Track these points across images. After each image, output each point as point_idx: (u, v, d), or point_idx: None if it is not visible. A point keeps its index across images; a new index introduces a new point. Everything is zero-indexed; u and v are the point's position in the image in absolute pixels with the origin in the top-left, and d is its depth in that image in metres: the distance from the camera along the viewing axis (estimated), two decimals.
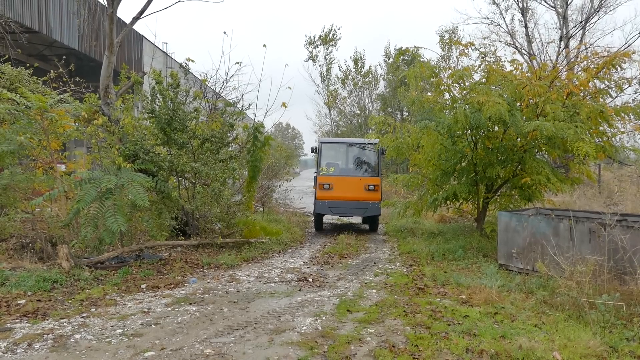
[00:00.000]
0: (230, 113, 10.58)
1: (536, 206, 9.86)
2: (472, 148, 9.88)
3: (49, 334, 5.14)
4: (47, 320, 5.60)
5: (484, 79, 10.10)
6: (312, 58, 29.22)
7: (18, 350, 4.70)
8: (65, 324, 5.47)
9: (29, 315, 5.72)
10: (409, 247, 10.09)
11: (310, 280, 7.63)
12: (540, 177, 9.10)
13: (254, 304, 6.34)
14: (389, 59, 29.58)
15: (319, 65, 29.35)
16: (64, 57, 13.54)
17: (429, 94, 11.71)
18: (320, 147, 13.37)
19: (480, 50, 11.20)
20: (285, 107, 11.38)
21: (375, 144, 12.36)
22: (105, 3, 9.93)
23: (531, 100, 9.17)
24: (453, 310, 5.92)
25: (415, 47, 11.54)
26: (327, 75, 29.32)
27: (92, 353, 4.65)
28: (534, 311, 5.78)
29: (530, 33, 22.15)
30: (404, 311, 5.92)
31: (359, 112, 30.16)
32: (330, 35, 28.90)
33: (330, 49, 29.18)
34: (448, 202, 10.52)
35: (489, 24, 23.28)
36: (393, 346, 4.78)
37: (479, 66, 10.66)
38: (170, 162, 9.15)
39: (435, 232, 11.36)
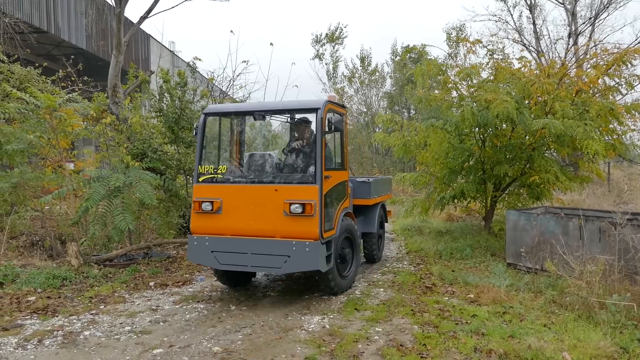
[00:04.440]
0: None
1: (545, 205, 9.80)
2: (480, 146, 9.83)
3: (58, 330, 5.18)
4: (57, 317, 5.64)
5: (491, 77, 10.03)
6: (319, 56, 29.17)
7: (29, 347, 4.75)
8: (74, 320, 5.51)
9: (39, 311, 5.78)
10: (416, 245, 10.07)
11: (317, 278, 7.62)
12: (549, 175, 9.03)
13: (262, 302, 6.35)
14: (396, 56, 29.47)
15: (326, 64, 29.30)
16: (72, 56, 13.62)
17: (436, 91, 11.64)
18: (204, 124, 6.45)
19: (487, 47, 11.13)
20: None
21: (315, 108, 6.09)
22: (113, 3, 9.98)
23: (540, 98, 9.10)
24: (461, 309, 5.90)
25: (422, 44, 11.56)
26: (333, 74, 29.25)
27: (101, 350, 4.69)
28: (543, 311, 5.75)
29: (538, 30, 21.99)
30: (412, 310, 5.91)
31: (365, 110, 30.09)
32: (337, 33, 28.84)
33: (336, 47, 29.11)
34: (456, 200, 10.47)
35: (496, 21, 23.18)
36: (401, 345, 4.77)
37: (487, 64, 10.59)
38: (178, 161, 9.19)
39: (443, 230, 11.32)
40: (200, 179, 6.30)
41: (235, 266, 6.03)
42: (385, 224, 9.65)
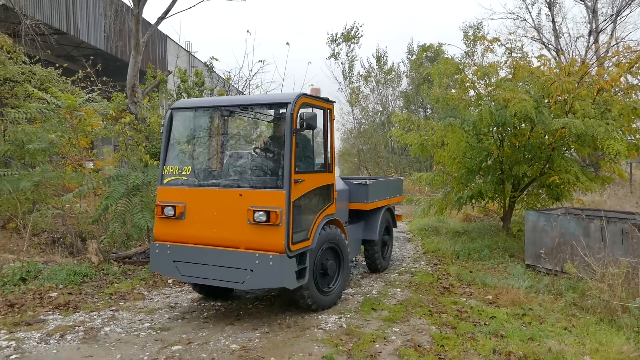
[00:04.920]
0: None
1: (565, 206, 9.66)
2: (498, 146, 9.73)
3: (80, 326, 5.26)
4: (78, 312, 5.73)
5: (509, 76, 9.92)
6: (334, 55, 29.11)
7: (51, 341, 4.84)
8: (95, 316, 5.59)
9: (61, 307, 5.87)
10: (433, 245, 10.01)
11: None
12: (569, 175, 8.90)
13: (278, 300, 6.37)
14: (412, 55, 29.32)
15: (341, 63, 29.22)
16: (92, 57, 13.81)
17: (453, 90, 11.55)
18: (170, 120, 5.90)
19: (506, 46, 11.04)
20: None
21: (285, 102, 5.37)
22: (131, 4, 10.10)
23: (559, 97, 8.97)
24: (479, 310, 5.85)
25: (439, 43, 11.41)
26: (349, 73, 29.17)
27: (121, 345, 4.75)
28: (563, 313, 5.67)
29: (557, 28, 21.68)
30: (429, 310, 5.88)
31: (381, 109, 29.97)
32: (353, 32, 28.77)
33: (352, 46, 29.01)
34: (473, 200, 10.38)
35: (514, 19, 22.90)
36: (418, 345, 4.75)
37: (505, 62, 10.50)
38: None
39: (460, 231, 11.23)
40: (165, 181, 5.73)
41: (196, 278, 5.43)
42: (394, 229, 8.89)
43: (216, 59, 11.13)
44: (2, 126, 10.38)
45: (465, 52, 17.49)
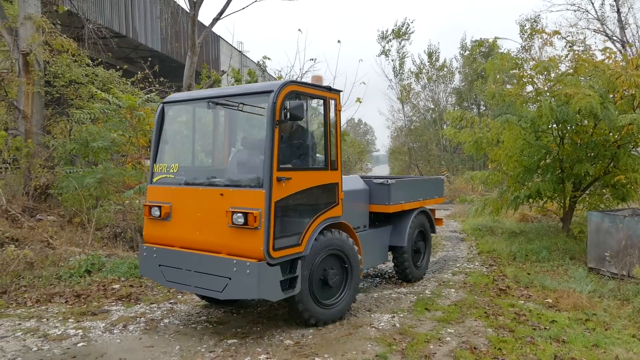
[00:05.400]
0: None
1: (631, 207, 9.14)
2: (558, 143, 9.33)
3: (141, 317, 5.49)
4: (139, 304, 5.98)
5: (571, 70, 9.49)
6: (385, 53, 28.83)
7: (115, 331, 5.07)
8: (155, 308, 5.81)
9: (123, 299, 6.15)
10: (488, 246, 9.73)
11: (387, 276, 7.57)
12: (636, 175, 8.42)
13: None
14: (465, 51, 28.60)
15: (392, 60, 28.89)
16: (149, 59, 14.33)
17: (508, 86, 11.16)
18: (162, 115, 5.56)
19: (566, 39, 10.55)
20: (360, 102, 11.34)
21: (267, 91, 4.79)
22: (187, 7, 10.40)
23: (626, 92, 8.49)
24: (538, 314, 5.63)
25: (495, 37, 10.99)
26: (400, 70, 28.81)
27: (180, 337, 4.91)
28: (631, 320, 5.37)
29: (623, 19, 20.52)
30: (485, 312, 5.72)
31: (433, 106, 29.45)
32: (403, 29, 28.40)
33: (403, 42, 28.65)
34: (531, 200, 10.01)
35: (575, 11, 21.90)
36: (474, 348, 4.64)
37: (566, 56, 10.03)
38: None
39: (517, 231, 10.85)
40: (155, 179, 5.38)
41: (179, 285, 5.07)
42: (433, 234, 7.98)
43: (268, 58, 11.30)
44: (67, 126, 10.98)
45: (521, 46, 16.89)
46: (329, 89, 5.36)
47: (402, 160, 31.11)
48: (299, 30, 27.55)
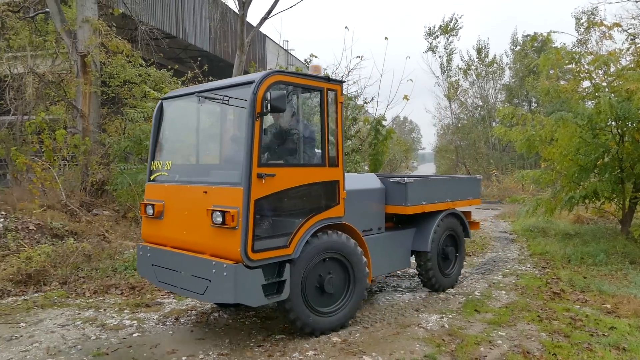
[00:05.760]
0: (352, 107, 10.69)
1: None
2: (618, 141, 8.88)
3: (192, 310, 5.64)
4: (190, 298, 6.13)
5: (632, 64, 9.01)
6: (432, 49, 28.34)
7: (168, 323, 5.24)
8: (205, 302, 5.95)
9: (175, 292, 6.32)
10: (540, 248, 9.39)
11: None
12: None
13: (377, 296, 6.35)
14: (516, 46, 27.73)
15: (439, 57, 28.37)
16: (199, 58, 14.67)
17: (562, 82, 10.72)
18: (159, 111, 5.46)
19: (628, 31, 10.02)
20: (407, 99, 11.20)
21: (249, 82, 4.54)
22: (236, 7, 10.57)
23: None
24: (596, 320, 5.38)
25: (550, 31, 10.45)
26: (447, 67, 28.25)
27: (229, 331, 5.01)
28: None
29: None
30: (538, 316, 5.52)
31: (481, 104, 28.71)
32: (451, 24, 27.83)
33: (450, 38, 28.09)
34: (587, 201, 9.59)
35: (637, 1, 20.70)
36: (527, 352, 4.49)
37: (627, 50, 9.54)
38: None
39: (571, 233, 10.42)
40: (152, 177, 5.26)
41: (169, 286, 4.90)
42: (467, 239, 7.25)
43: (315, 56, 11.33)
44: (122, 124, 11.42)
45: (577, 39, 16.19)
46: (327, 79, 4.98)
47: (448, 159, 30.53)
48: (346, 27, 27.48)
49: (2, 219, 7.97)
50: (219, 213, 4.22)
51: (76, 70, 11.04)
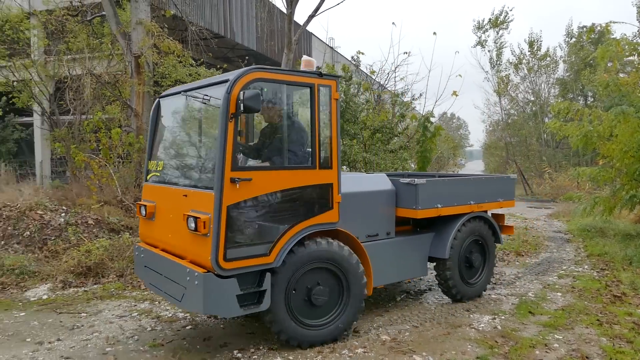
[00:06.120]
0: (400, 104, 10.57)
1: None
2: None
3: None
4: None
5: None
6: (481, 43, 27.54)
7: (219, 317, 5.33)
8: None
9: None
10: (598, 248, 8.97)
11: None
12: None
13: (426, 296, 6.26)
14: (571, 38, 26.56)
15: (488, 51, 27.52)
16: (246, 57, 14.90)
17: (622, 75, 10.18)
18: (156, 110, 5.37)
19: None
20: (457, 95, 10.96)
21: (223, 80, 4.25)
22: (283, 5, 10.65)
23: None
24: None
25: (609, 22, 9.84)
26: (497, 61, 27.36)
27: None
28: None
29: None
30: (598, 320, 5.28)
31: (533, 99, 27.70)
32: (501, 17, 26.97)
33: (500, 32, 27.22)
34: None
35: None
36: (586, 357, 4.31)
37: None
38: (343, 152, 9.48)
39: (633, 233, 9.88)
40: (148, 177, 5.16)
41: (157, 289, 4.76)
42: (498, 244, 6.50)
43: (362, 53, 11.29)
44: None
45: (639, 30, 15.33)
46: (319, 74, 4.57)
47: (498, 156, 29.69)
48: (393, 23, 27.26)
49: (64, 214, 8.38)
50: (192, 219, 4.05)
51: (130, 71, 11.43)
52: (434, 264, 5.89)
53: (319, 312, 4.57)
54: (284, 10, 11.00)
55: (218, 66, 13.90)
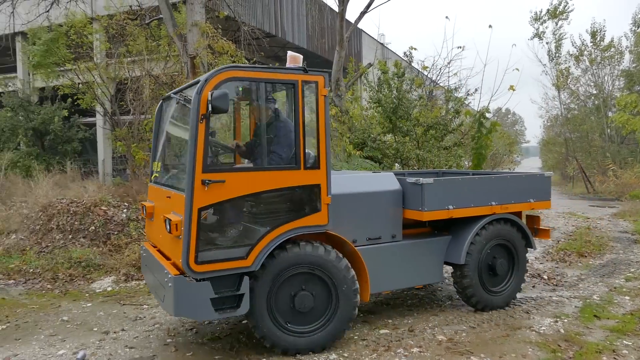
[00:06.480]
0: (454, 99, 10.34)
1: None
2: None
3: None
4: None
5: None
6: (538, 35, 26.48)
7: None
8: None
9: None
10: None
11: (545, 277, 6.98)
12: None
13: None
14: (638, 27, 25.06)
15: (546, 43, 26.48)
16: None
17: None
18: (160, 110, 5.33)
19: None
20: (514, 90, 10.58)
21: (196, 82, 4.28)
22: (335, 3, 10.65)
23: None
24: None
25: None
26: (556, 53, 26.26)
27: None
28: None
29: None
30: None
31: (595, 92, 26.34)
32: (561, 7, 25.82)
33: (559, 23, 26.07)
34: None
35: None
36: None
37: None
38: (396, 150, 9.39)
39: None
40: (152, 177, 5.16)
41: (151, 287, 4.81)
42: (532, 249, 5.88)
43: (415, 49, 11.11)
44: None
45: None
46: (304, 70, 4.34)
47: (556, 152, 28.49)
48: (446, 17, 26.71)
49: (125, 210, 8.75)
50: (167, 221, 4.02)
51: (186, 72, 11.77)
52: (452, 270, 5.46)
53: (306, 318, 4.37)
54: (335, 8, 11.01)
55: (269, 65, 14.09)
